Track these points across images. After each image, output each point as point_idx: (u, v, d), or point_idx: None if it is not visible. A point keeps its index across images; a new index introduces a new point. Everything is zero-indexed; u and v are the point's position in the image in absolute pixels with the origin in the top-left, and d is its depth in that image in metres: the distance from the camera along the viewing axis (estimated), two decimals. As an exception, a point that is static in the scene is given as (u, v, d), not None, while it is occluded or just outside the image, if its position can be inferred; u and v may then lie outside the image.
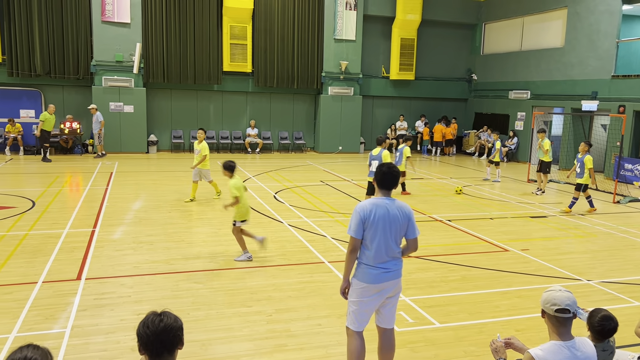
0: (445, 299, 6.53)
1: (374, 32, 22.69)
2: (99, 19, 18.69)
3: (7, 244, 8.10)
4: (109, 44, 18.89)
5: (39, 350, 2.38)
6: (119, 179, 14.17)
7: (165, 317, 2.64)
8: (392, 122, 23.42)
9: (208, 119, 21.29)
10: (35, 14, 18.23)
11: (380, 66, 23.18)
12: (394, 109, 23.77)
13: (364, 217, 4.16)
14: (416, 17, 22.25)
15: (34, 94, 19.12)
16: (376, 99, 23.46)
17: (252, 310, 5.99)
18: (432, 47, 23.65)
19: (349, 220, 4.24)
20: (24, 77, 18.58)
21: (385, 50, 23.03)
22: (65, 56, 18.84)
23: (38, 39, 18.35)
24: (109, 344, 5.10)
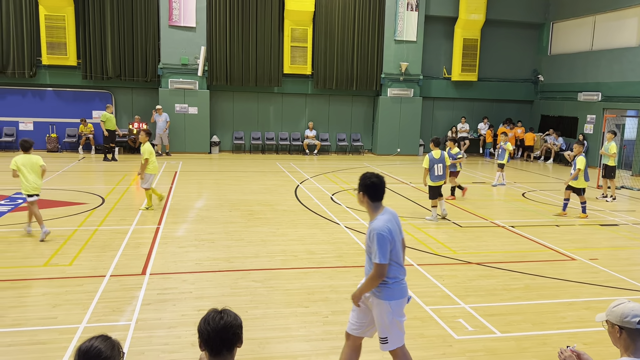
0: (507, 308, 6.31)
1: (436, 32, 22.30)
2: (167, 24, 19.43)
3: (78, 239, 8.56)
4: (175, 47, 19.60)
5: (108, 341, 2.48)
6: (182, 178, 14.65)
7: (225, 314, 2.68)
8: (453, 124, 22.92)
9: (268, 121, 21.65)
10: (108, 21, 19.19)
11: (442, 67, 22.75)
12: (455, 110, 23.26)
13: (390, 239, 3.96)
14: (480, 17, 21.68)
15: (105, 95, 20.12)
16: (437, 101, 23.04)
17: (308, 311, 6.02)
18: (496, 48, 22.96)
19: (374, 246, 3.93)
20: (96, 80, 19.59)
21: (447, 51, 22.58)
22: (134, 60, 19.71)
23: (110, 44, 19.31)
24: (171, 338, 5.27)
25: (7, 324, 5.45)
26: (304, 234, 9.31)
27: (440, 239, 9.29)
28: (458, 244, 9.05)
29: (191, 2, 19.47)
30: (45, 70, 19.30)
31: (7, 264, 7.27)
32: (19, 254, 7.71)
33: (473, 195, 13.58)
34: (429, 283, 7.04)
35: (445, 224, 10.41)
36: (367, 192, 4.07)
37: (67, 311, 5.78)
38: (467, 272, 7.56)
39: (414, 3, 21.16)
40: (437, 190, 10.69)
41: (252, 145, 21.45)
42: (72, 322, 5.51)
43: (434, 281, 7.10)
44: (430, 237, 9.40)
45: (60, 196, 11.82)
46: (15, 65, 18.79)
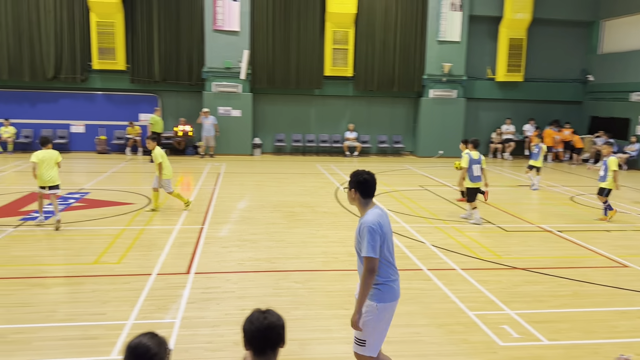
0: (554, 315, 6.11)
1: (480, 32, 21.89)
2: (211, 28, 19.82)
3: (126, 237, 8.83)
4: (219, 51, 19.97)
5: (155, 338, 2.55)
6: (226, 180, 14.90)
7: (269, 315, 2.72)
8: (498, 126, 22.41)
9: (309, 123, 21.75)
10: (155, 26, 19.75)
11: (486, 68, 22.30)
12: (500, 112, 22.74)
13: (380, 232, 3.86)
14: (526, 16, 21.14)
15: (151, 99, 20.70)
16: (481, 102, 22.59)
17: (349, 313, 5.98)
18: (543, 47, 22.33)
19: (364, 241, 3.83)
20: (143, 84, 20.18)
21: (492, 51, 22.12)
22: (180, 64, 20.20)
23: (157, 49, 19.85)
24: (214, 337, 5.36)
25: (60, 319, 5.67)
26: (344, 236, 9.30)
27: (485, 243, 9.10)
28: (503, 248, 8.84)
29: (235, 7, 19.81)
30: (96, 75, 20.03)
31: (59, 261, 7.57)
32: (71, 252, 8.02)
33: (519, 199, 13.24)
34: (473, 288, 6.90)
35: (490, 229, 10.18)
36: (359, 189, 4.03)
37: (116, 308, 5.97)
38: (512, 278, 7.38)
39: (458, 3, 20.83)
40: (475, 192, 10.50)
41: (293, 147, 21.60)
42: (120, 319, 5.68)
43: (478, 286, 6.96)
44: (474, 241, 9.22)
45: (108, 196, 12.23)
46: (68, 71, 19.58)
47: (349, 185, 4.11)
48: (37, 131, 19.94)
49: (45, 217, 9.54)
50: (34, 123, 19.94)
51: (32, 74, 19.40)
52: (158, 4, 19.67)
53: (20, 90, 19.80)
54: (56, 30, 19.31)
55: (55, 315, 5.75)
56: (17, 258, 7.76)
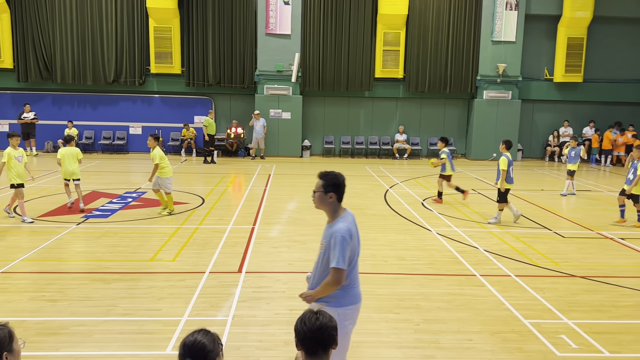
0: (616, 326, 5.84)
1: (537, 32, 21.20)
2: (263, 32, 20.14)
3: (181, 236, 9.09)
4: (271, 54, 20.26)
5: (209, 335, 2.61)
6: (276, 181, 15.09)
7: (321, 316, 2.73)
8: (555, 128, 21.63)
9: (358, 125, 21.72)
10: (209, 31, 20.27)
11: (543, 68, 21.57)
12: (558, 113, 21.93)
13: (350, 242, 3.79)
14: (586, 14, 20.31)
15: (205, 101, 21.24)
16: (537, 103, 21.87)
17: (399, 318, 5.95)
18: (605, 46, 21.37)
19: (335, 250, 3.72)
20: (198, 87, 20.74)
21: (549, 51, 21.37)
22: (233, 67, 20.64)
23: (211, 53, 20.36)
24: (265, 336, 5.44)
25: (118, 313, 5.91)
26: (393, 239, 9.22)
27: (540, 249, 8.80)
28: (560, 255, 8.52)
29: (287, 11, 20.04)
30: (153, 79, 20.75)
31: (118, 258, 7.88)
32: (129, 249, 8.33)
33: (576, 204, 12.73)
34: (528, 295, 6.69)
35: (546, 235, 9.84)
36: (336, 191, 3.92)
37: (171, 304, 6.16)
38: (570, 286, 7.09)
39: (514, 2, 20.27)
40: (507, 193, 10.54)
41: (342, 149, 21.62)
42: (175, 315, 5.86)
43: (534, 294, 6.74)
44: (529, 247, 8.94)
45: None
46: (127, 74, 20.39)
47: (322, 188, 3.92)
48: (98, 133, 20.86)
49: (71, 203, 10.83)
50: (95, 125, 20.87)
51: (95, 78, 20.32)
52: (213, 9, 20.17)
53: (82, 93, 20.77)
54: (117, 36, 20.14)
55: (114, 309, 5.99)
56: (79, 254, 8.14)
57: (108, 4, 19.90)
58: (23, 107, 19.21)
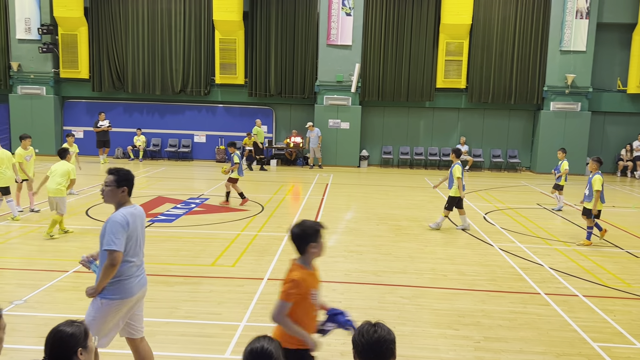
0: (696, 356, 5.42)
1: (609, 41, 20.24)
2: (325, 43, 20.36)
3: (241, 243, 9.29)
4: (331, 65, 20.44)
5: (274, 342, 2.67)
6: (333, 190, 15.14)
7: (379, 328, 2.72)
8: (628, 142, 20.49)
9: (418, 135, 21.46)
10: (272, 42, 20.73)
11: (616, 79, 20.54)
12: (632, 126, 20.76)
13: (127, 228, 4.01)
14: (665, 21, 19.19)
15: (267, 111, 21.68)
16: (608, 115, 20.82)
17: (459, 334, 5.80)
18: (686, 55, 20.07)
19: (107, 234, 3.95)
20: (260, 97, 21.22)
21: (623, 61, 20.33)
22: (294, 78, 20.98)
23: (273, 64, 20.80)
24: (322, 346, 5.43)
25: (180, 315, 6.10)
26: (454, 253, 9.02)
27: (610, 269, 8.34)
28: (632, 276, 8.04)
29: (348, 22, 20.18)
30: (217, 89, 21.43)
31: (181, 262, 8.15)
32: (191, 253, 8.60)
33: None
34: (597, 317, 6.34)
35: (618, 254, 9.31)
36: (129, 186, 4.17)
37: (230, 309, 6.30)
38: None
39: (584, 10, 19.47)
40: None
41: (400, 160, 21.42)
42: (234, 320, 5.98)
43: (604, 315, 6.38)
44: (598, 266, 8.49)
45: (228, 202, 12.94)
46: (193, 84, 21.17)
47: (115, 182, 4.10)
48: (164, 140, 21.74)
49: None
50: (162, 133, 21.76)
51: (163, 87, 21.24)
52: (276, 21, 20.62)
53: (151, 102, 21.73)
54: (184, 48, 20.98)
55: (176, 312, 6.19)
56: (145, 256, 8.47)
57: (177, 17, 20.79)
58: (98, 115, 20.28)
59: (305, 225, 3.72)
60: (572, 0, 19.51)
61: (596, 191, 9.49)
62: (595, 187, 9.48)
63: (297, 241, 3.74)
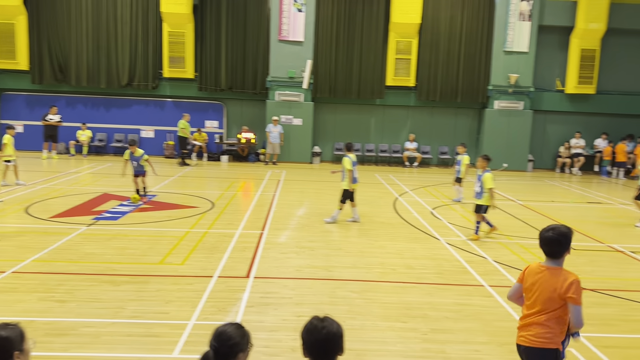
0: (625, 341, 5.78)
1: (549, 43, 21.14)
2: (276, 38, 20.26)
3: (190, 240, 9.14)
4: (283, 61, 20.37)
5: (240, 330, 2.79)
6: (286, 187, 15.13)
7: (328, 323, 2.74)
8: (567, 139, 21.51)
9: (368, 132, 21.74)
10: (222, 36, 20.44)
11: (555, 79, 21.49)
12: (569, 125, 21.81)
13: None
14: (600, 26, 20.22)
15: (217, 106, 21.38)
16: (549, 114, 21.77)
17: (406, 327, 5.94)
18: (618, 58, 21.25)
19: None
20: (210, 92, 20.89)
21: (562, 62, 21.29)
22: (245, 73, 20.77)
23: (224, 58, 20.52)
24: (271, 342, 5.45)
25: (127, 315, 5.94)
26: (402, 248, 9.21)
27: (550, 261, 8.73)
28: (570, 268, 8.38)
29: (300, 18, 20.16)
30: (166, 83, 20.94)
31: (127, 260, 7.94)
32: (138, 251, 8.39)
33: (588, 217, 12.63)
34: (536, 307, 6.63)
35: (556, 246, 9.75)
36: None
37: (178, 307, 6.19)
38: (579, 299, 7.03)
39: (527, 13, 20.25)
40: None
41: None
42: (183, 319, 5.88)
43: (542, 306, 6.68)
44: (539, 258, 8.86)
45: (174, 199, 12.71)
46: (140, 78, 20.59)
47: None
48: (110, 135, 21.05)
49: None
50: (108, 127, 21.07)
51: (108, 81, 20.55)
52: (226, 14, 20.35)
53: (96, 96, 21.00)
54: (131, 40, 20.36)
55: (122, 311, 6.03)
56: (89, 255, 8.20)
57: (123, 8, 20.14)
58: (49, 108, 19.35)
59: (564, 231, 3.74)
60: (515, 3, 20.26)
61: (489, 189, 9.70)
62: (488, 185, 9.68)
63: (556, 246, 3.73)
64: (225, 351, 2.69)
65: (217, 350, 2.70)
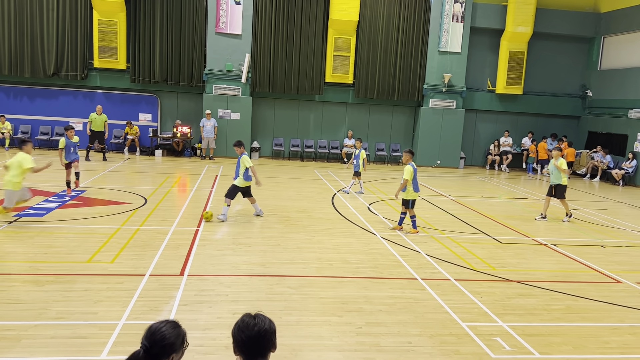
0: (547, 329, 6.11)
1: (481, 44, 22.01)
2: (213, 31, 19.87)
3: (121, 237, 8.80)
4: (220, 54, 20.01)
5: (176, 330, 2.67)
6: (223, 182, 14.88)
7: (259, 320, 2.70)
8: (496, 138, 22.50)
9: (308, 128, 21.80)
10: (157, 26, 19.80)
11: (486, 80, 22.40)
12: (499, 124, 22.83)
13: None
14: (527, 30, 21.27)
15: (151, 99, 20.70)
16: (480, 113, 22.68)
17: (342, 321, 6.00)
18: (544, 61, 22.46)
19: None
20: (144, 84, 20.20)
21: (492, 63, 22.23)
22: (181, 65, 20.24)
23: (158, 49, 19.89)
24: (206, 340, 5.34)
25: (51, 317, 5.64)
26: (339, 243, 9.30)
27: (479, 254, 9.11)
28: (497, 260, 8.85)
29: (238, 10, 19.87)
30: (96, 73, 20.04)
31: (52, 259, 7.54)
32: (64, 250, 7.98)
33: (514, 211, 13.26)
34: (466, 299, 6.90)
35: (485, 240, 10.19)
36: None
37: (108, 307, 5.94)
38: (505, 290, 7.38)
39: (460, 14, 20.96)
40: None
41: (291, 152, 21.63)
42: (112, 319, 5.65)
43: (471, 297, 6.96)
44: (468, 252, 9.23)
45: (105, 195, 12.21)
46: (68, 68, 19.59)
47: None
48: (35, 127, 19.91)
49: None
50: (32, 119, 19.91)
51: (33, 70, 19.42)
52: (161, 4, 19.73)
53: (19, 85, 19.78)
54: (58, 27, 19.33)
55: (46, 313, 5.71)
56: (10, 254, 7.72)
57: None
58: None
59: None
60: (449, 4, 20.91)
61: (405, 180, 10.14)
62: (405, 176, 10.14)
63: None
64: (157, 352, 2.57)
65: (148, 350, 2.56)
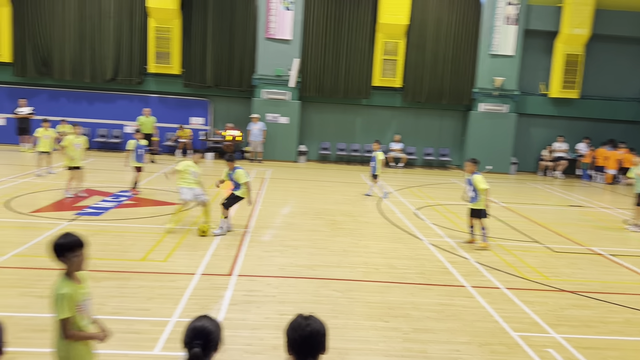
0: (603, 342, 5.88)
1: (535, 47, 21.38)
2: (264, 36, 20.20)
3: (173, 237, 9.08)
4: (270, 59, 20.31)
5: (214, 321, 2.91)
6: (271, 185, 15.09)
7: (312, 321, 2.74)
8: (549, 143, 21.78)
9: (354, 132, 21.79)
10: (209, 32, 20.31)
11: (539, 83, 21.74)
12: (553, 129, 22.08)
13: None
14: (584, 32, 20.51)
15: (203, 103, 21.24)
16: (532, 118, 22.02)
17: (389, 326, 5.97)
18: (602, 64, 21.57)
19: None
20: (196, 88, 20.75)
21: (546, 66, 21.55)
22: (231, 70, 20.67)
23: (210, 55, 20.39)
24: (254, 340, 5.43)
25: (107, 312, 5.89)
26: (385, 248, 9.25)
27: (532, 263, 8.85)
28: (551, 269, 8.57)
29: (288, 16, 20.12)
30: (151, 78, 20.74)
31: (109, 256, 7.86)
32: (120, 248, 8.31)
33: (569, 219, 12.81)
34: (517, 308, 6.72)
35: (537, 249, 9.89)
36: None
37: (160, 305, 6.15)
38: (559, 300, 7.14)
39: (513, 17, 20.45)
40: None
41: (338, 156, 21.67)
42: (164, 316, 5.84)
43: (523, 307, 6.77)
44: (520, 260, 8.99)
45: (158, 196, 12.61)
46: (125, 73, 20.37)
47: None
48: (93, 130, 20.80)
49: None
50: (91, 122, 20.81)
51: (92, 75, 20.29)
52: (214, 11, 20.23)
53: (80, 90, 20.73)
54: (116, 34, 20.14)
55: (103, 308, 5.97)
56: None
57: (108, 1, 19.90)
58: (18, 101, 19.12)
59: None
60: (501, 7, 20.45)
61: (484, 190, 9.38)
62: (481, 187, 9.34)
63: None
64: (212, 347, 2.83)
65: (205, 347, 2.79)
